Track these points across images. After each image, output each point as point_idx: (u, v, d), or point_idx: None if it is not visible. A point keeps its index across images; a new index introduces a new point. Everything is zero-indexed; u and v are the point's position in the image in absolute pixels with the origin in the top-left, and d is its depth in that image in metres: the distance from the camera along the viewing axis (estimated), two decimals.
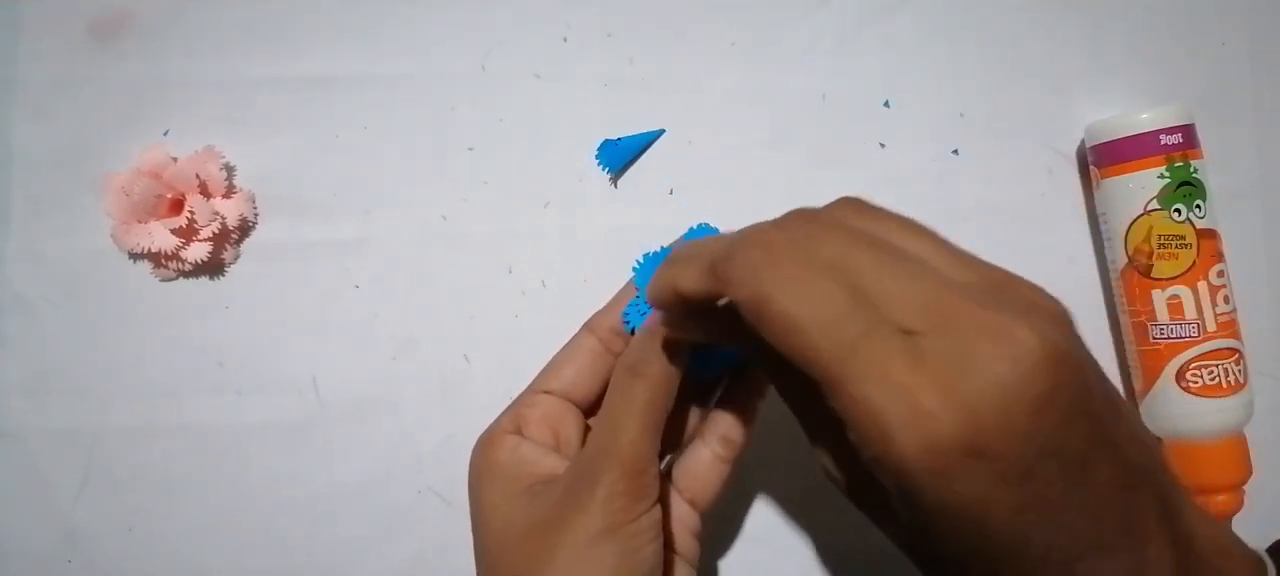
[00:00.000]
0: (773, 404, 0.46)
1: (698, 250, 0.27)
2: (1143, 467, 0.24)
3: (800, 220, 0.26)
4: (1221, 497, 0.40)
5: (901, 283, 0.24)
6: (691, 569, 0.34)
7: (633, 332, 0.34)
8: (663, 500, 0.34)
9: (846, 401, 0.23)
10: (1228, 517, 0.41)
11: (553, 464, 0.32)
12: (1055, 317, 0.24)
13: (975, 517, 0.23)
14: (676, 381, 0.31)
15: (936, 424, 0.22)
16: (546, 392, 0.34)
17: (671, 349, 0.31)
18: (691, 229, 0.35)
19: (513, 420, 0.33)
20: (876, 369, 0.22)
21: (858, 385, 0.23)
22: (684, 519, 0.34)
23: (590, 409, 0.35)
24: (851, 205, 0.27)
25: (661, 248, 0.34)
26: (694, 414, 0.35)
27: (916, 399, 0.22)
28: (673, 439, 0.35)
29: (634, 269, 0.34)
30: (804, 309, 0.23)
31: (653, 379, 0.30)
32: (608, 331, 0.35)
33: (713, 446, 0.34)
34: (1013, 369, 0.22)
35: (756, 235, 0.26)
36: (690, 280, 0.27)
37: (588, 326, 0.35)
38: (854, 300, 0.23)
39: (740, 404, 0.34)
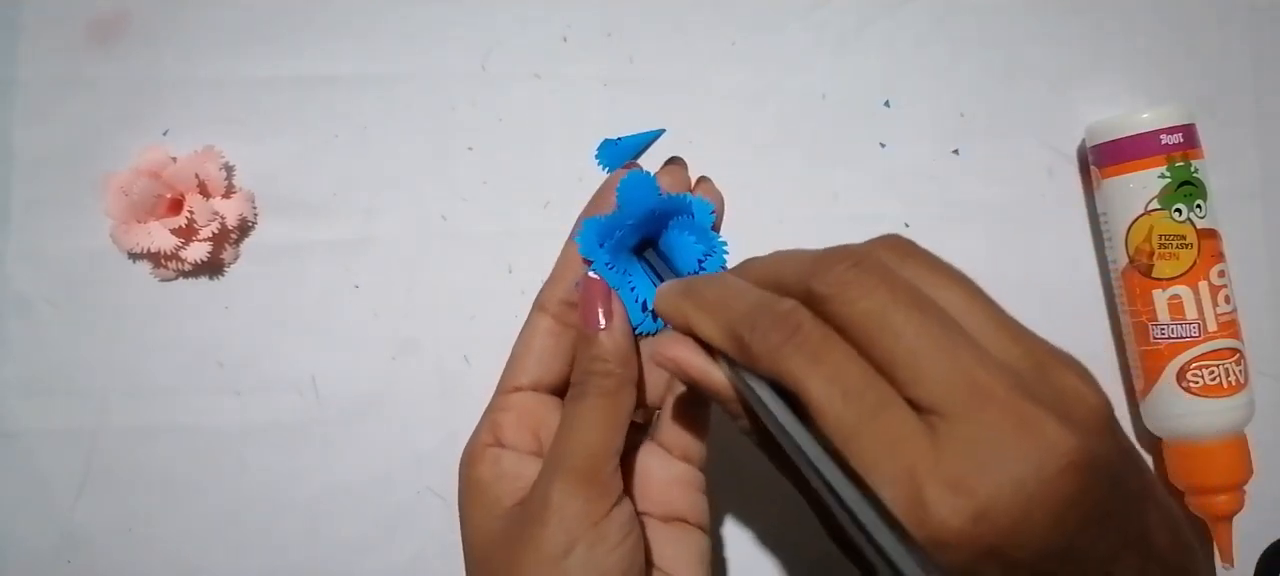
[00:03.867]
0: None
1: (720, 296, 0.26)
2: (1175, 566, 0.23)
3: (842, 265, 0.24)
4: (1222, 498, 0.40)
5: (934, 355, 0.22)
6: (702, 532, 0.32)
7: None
8: (654, 472, 0.32)
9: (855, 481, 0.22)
10: (1228, 518, 0.41)
11: (534, 472, 0.30)
12: (1095, 411, 0.22)
13: None
14: (632, 381, 0.30)
15: (940, 518, 0.20)
16: (517, 389, 0.32)
17: (620, 352, 0.30)
18: (624, 180, 0.32)
19: (490, 430, 0.31)
20: (885, 449, 0.21)
21: (863, 464, 0.21)
22: (683, 478, 0.32)
23: (563, 390, 0.32)
24: (896, 249, 0.25)
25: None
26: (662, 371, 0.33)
27: (921, 487, 0.21)
28: (647, 402, 0.33)
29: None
30: (817, 385, 0.22)
31: (603, 388, 0.29)
32: (560, 306, 0.32)
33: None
34: (1036, 471, 0.20)
35: (779, 310, 0.24)
36: (709, 334, 0.26)
37: (539, 305, 0.32)
38: (872, 374, 0.22)
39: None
